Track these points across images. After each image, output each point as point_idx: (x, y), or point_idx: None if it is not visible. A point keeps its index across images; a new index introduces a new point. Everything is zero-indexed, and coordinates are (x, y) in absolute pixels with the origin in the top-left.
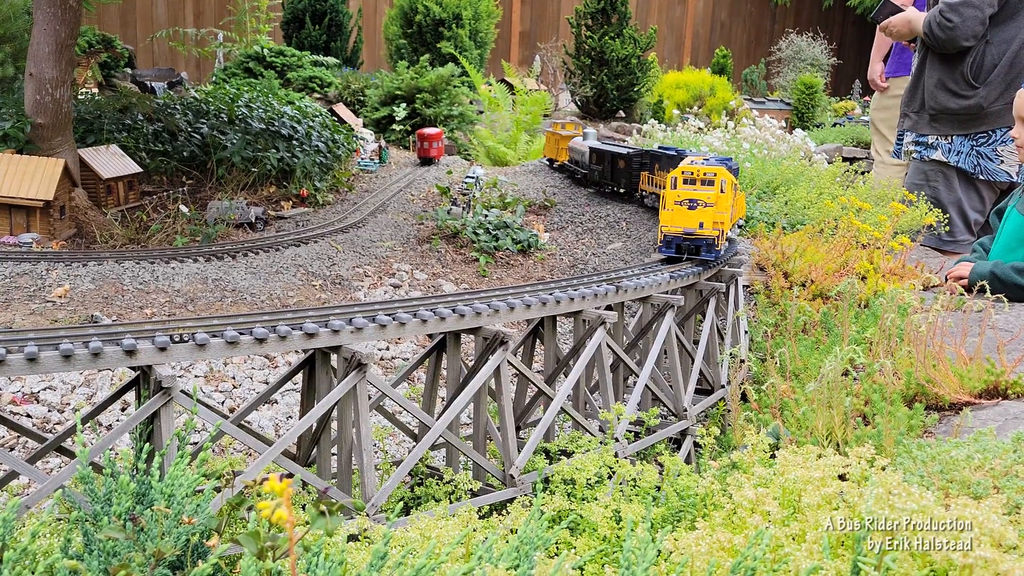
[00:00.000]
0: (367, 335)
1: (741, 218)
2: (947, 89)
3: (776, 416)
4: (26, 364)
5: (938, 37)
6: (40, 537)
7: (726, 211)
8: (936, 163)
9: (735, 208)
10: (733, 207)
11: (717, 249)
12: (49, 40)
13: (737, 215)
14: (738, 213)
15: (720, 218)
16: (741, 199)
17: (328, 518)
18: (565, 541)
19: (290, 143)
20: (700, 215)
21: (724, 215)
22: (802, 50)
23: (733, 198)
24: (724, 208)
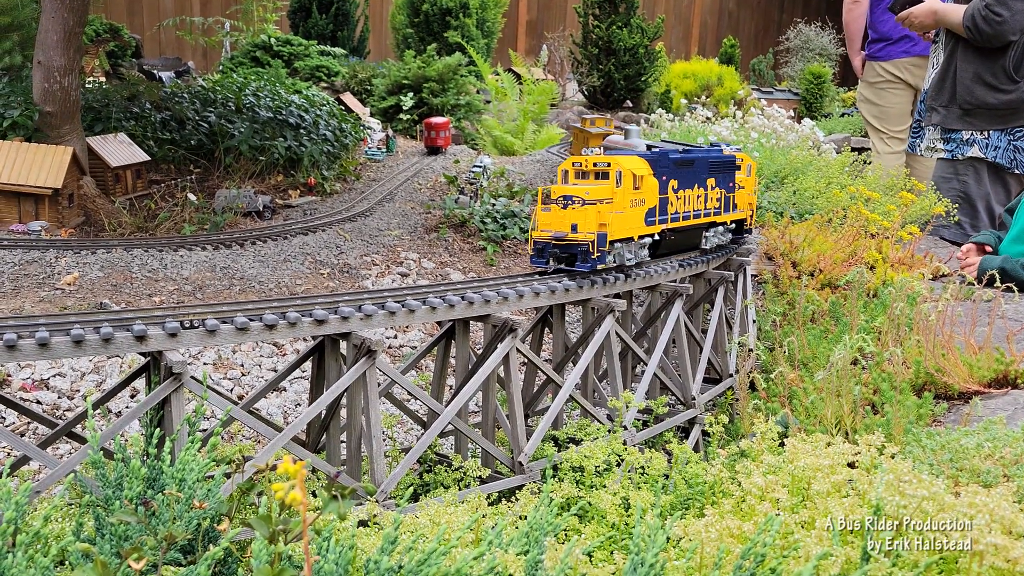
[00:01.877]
0: (377, 322)
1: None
2: (985, 83)
3: (785, 405)
4: (38, 349)
5: (983, 31)
6: (52, 521)
7: (625, 209)
8: (969, 159)
9: (739, 199)
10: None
11: (595, 258)
12: (57, 28)
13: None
14: (741, 204)
15: (608, 219)
16: (747, 190)
17: (340, 502)
18: (574, 528)
19: (298, 132)
20: (574, 215)
21: (618, 216)
22: (810, 40)
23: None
24: (622, 206)
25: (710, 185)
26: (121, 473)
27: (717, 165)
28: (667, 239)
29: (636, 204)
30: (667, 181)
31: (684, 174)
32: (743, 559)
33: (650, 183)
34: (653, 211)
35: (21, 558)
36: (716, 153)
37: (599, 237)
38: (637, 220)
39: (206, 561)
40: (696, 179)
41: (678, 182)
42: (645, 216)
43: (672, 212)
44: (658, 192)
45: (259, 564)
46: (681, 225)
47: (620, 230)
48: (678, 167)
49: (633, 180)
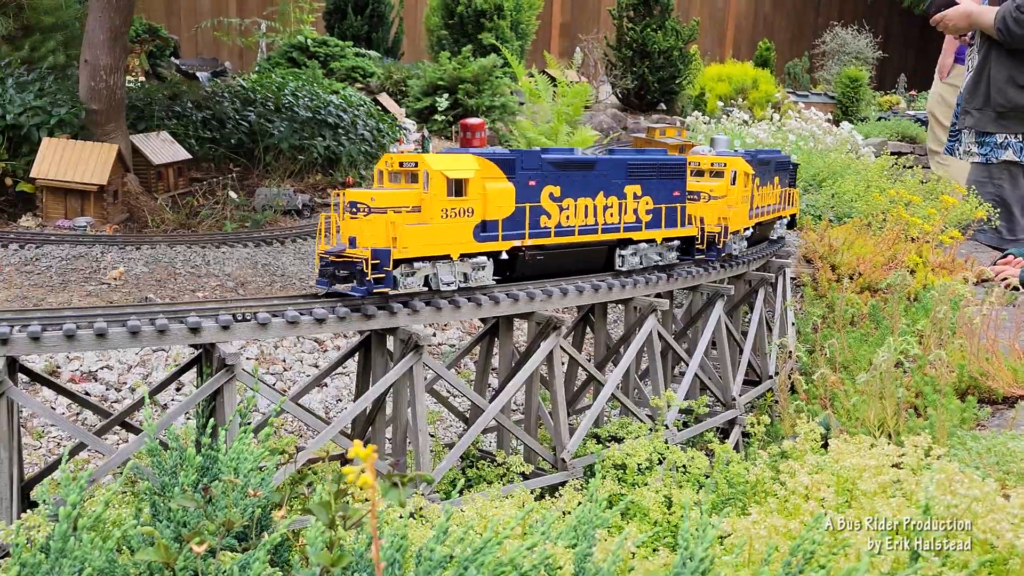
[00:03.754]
0: (423, 317)
1: (790, 214)
2: (1018, 86)
3: (826, 407)
4: (95, 340)
5: (1014, 32)
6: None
7: (434, 220)
8: (1004, 162)
9: (704, 211)
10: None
11: (371, 281)
12: (104, 27)
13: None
14: (711, 217)
15: (401, 231)
16: (727, 201)
17: (400, 489)
18: (616, 525)
19: (336, 132)
20: (359, 226)
21: (421, 229)
22: (847, 43)
23: (485, 198)
24: (431, 215)
25: (632, 194)
26: (176, 461)
27: (643, 170)
28: (529, 259)
29: (458, 214)
30: (539, 187)
31: (569, 180)
32: (792, 556)
33: (481, 189)
34: (495, 225)
35: (86, 541)
36: (648, 155)
37: (378, 254)
38: (457, 234)
39: (265, 547)
40: (597, 187)
41: (560, 189)
42: (477, 230)
43: (544, 226)
44: (514, 201)
45: (315, 550)
46: (563, 242)
47: (422, 245)
48: (560, 169)
49: (452, 185)
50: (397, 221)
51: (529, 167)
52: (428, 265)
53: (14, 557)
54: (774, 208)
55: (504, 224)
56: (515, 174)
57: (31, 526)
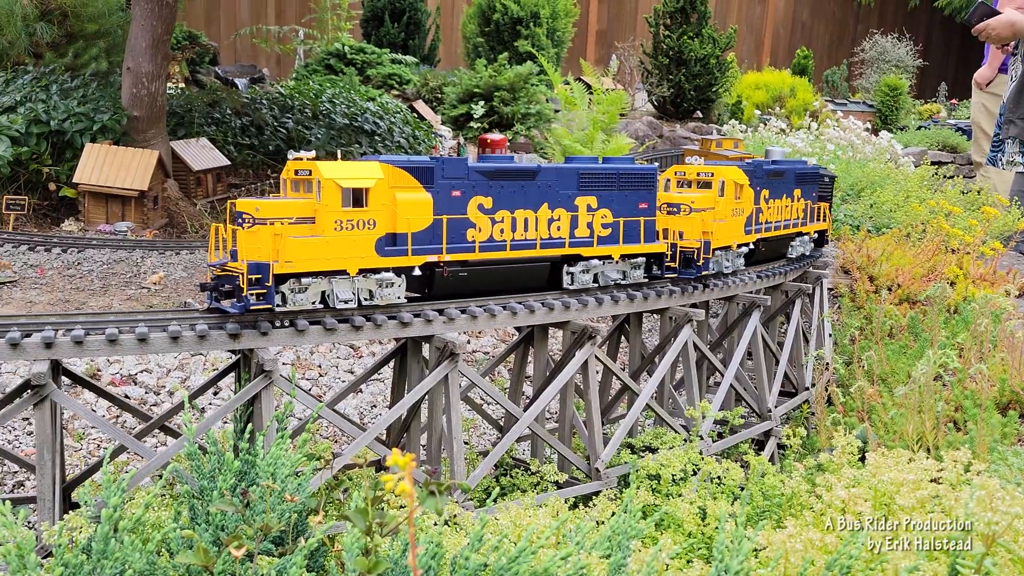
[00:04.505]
0: (459, 325)
1: (817, 231)
2: None
3: (863, 419)
4: (137, 344)
5: None
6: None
7: (326, 232)
8: None
9: (684, 226)
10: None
11: (248, 298)
12: (146, 35)
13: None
14: (691, 232)
15: (281, 244)
16: (708, 216)
17: (437, 497)
18: (650, 536)
19: (372, 139)
20: (241, 238)
21: (308, 243)
22: (886, 51)
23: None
24: (323, 227)
25: (585, 206)
26: (215, 465)
27: (600, 180)
28: (448, 276)
29: (356, 227)
30: (465, 197)
31: (504, 190)
32: (828, 570)
33: (388, 199)
34: (404, 238)
35: (127, 543)
36: (610, 164)
37: (257, 268)
38: (354, 248)
39: (302, 552)
40: (540, 198)
41: (493, 200)
42: (381, 244)
43: (470, 240)
44: (431, 212)
45: (352, 556)
46: (491, 258)
47: (311, 259)
48: (491, 178)
49: (348, 194)
50: (281, 233)
51: (452, 176)
52: (322, 281)
53: (57, 557)
54: (791, 223)
55: (417, 238)
56: (434, 183)
57: (73, 527)
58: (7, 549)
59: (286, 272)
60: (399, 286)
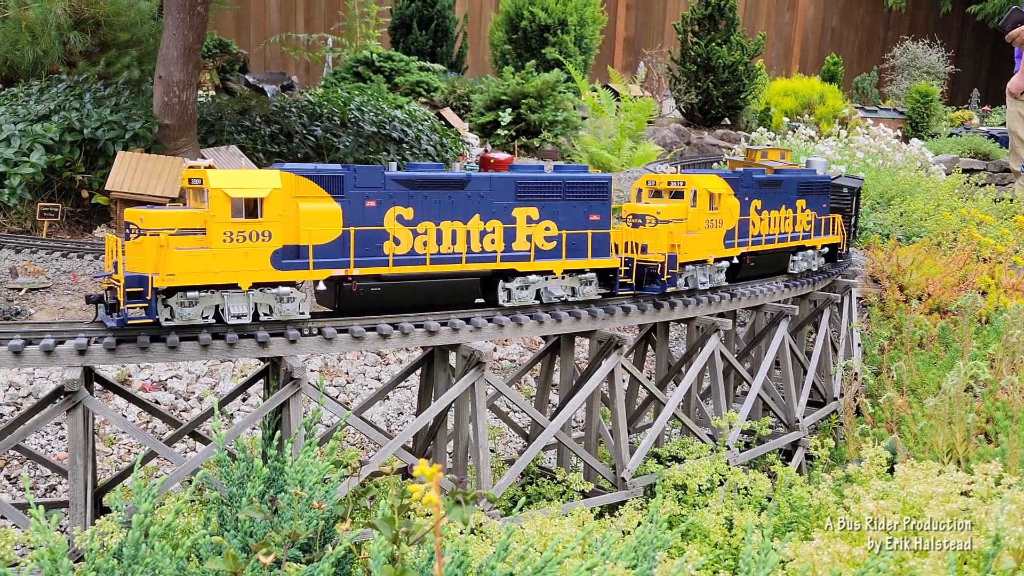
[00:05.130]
0: (485, 334)
1: (826, 245)
2: None
3: (892, 431)
4: (168, 352)
5: None
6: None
7: (215, 244)
8: None
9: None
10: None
11: (124, 309)
12: (178, 44)
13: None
14: (656, 245)
15: (164, 256)
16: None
17: (463, 507)
18: (676, 546)
19: (400, 146)
20: (128, 249)
21: (191, 254)
22: (917, 57)
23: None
24: (212, 238)
25: (525, 217)
26: (244, 472)
27: (542, 190)
28: (358, 291)
29: (248, 238)
30: (381, 208)
31: (428, 200)
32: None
33: (289, 209)
34: (305, 251)
35: (158, 548)
36: (559, 172)
37: (135, 281)
38: (246, 261)
39: (329, 559)
40: (471, 209)
41: (414, 211)
42: (277, 257)
43: (387, 253)
44: (340, 224)
45: (378, 564)
46: (409, 272)
47: (198, 272)
48: (413, 188)
49: (239, 205)
50: (165, 244)
51: (366, 185)
52: (215, 295)
53: (89, 562)
54: (792, 236)
55: (321, 250)
56: (344, 193)
57: (105, 532)
58: (40, 553)
59: (169, 285)
60: (301, 301)
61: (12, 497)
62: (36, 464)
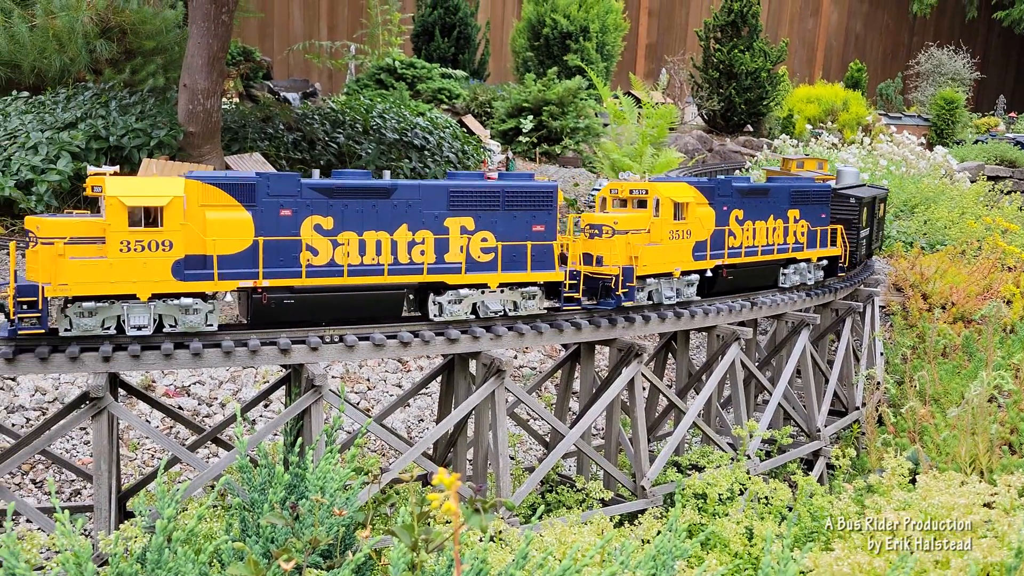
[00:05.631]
0: (505, 342)
1: (824, 257)
2: None
3: (914, 441)
4: (191, 359)
5: None
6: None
7: (112, 253)
8: None
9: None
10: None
11: (14, 320)
12: (202, 53)
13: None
14: (618, 257)
15: (57, 266)
16: (634, 241)
17: (482, 515)
18: (696, 555)
19: (422, 153)
20: (28, 258)
21: (87, 263)
22: (942, 64)
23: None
24: (110, 248)
25: (459, 228)
26: (265, 478)
27: (478, 199)
28: (268, 303)
29: (147, 248)
30: (297, 217)
31: (350, 210)
32: None
33: (196, 218)
34: (210, 261)
35: (181, 553)
36: (503, 180)
37: (27, 290)
38: (145, 272)
39: (350, 565)
40: (398, 219)
41: (334, 221)
42: (178, 267)
43: (306, 264)
44: (252, 233)
45: (398, 571)
46: (325, 284)
47: (94, 282)
48: (333, 197)
49: (137, 213)
50: (62, 253)
51: (280, 193)
52: (115, 305)
53: (113, 566)
54: (779, 248)
55: (228, 261)
56: (256, 201)
57: (128, 537)
58: (65, 557)
59: (62, 296)
60: (209, 312)
61: (38, 501)
62: (61, 468)
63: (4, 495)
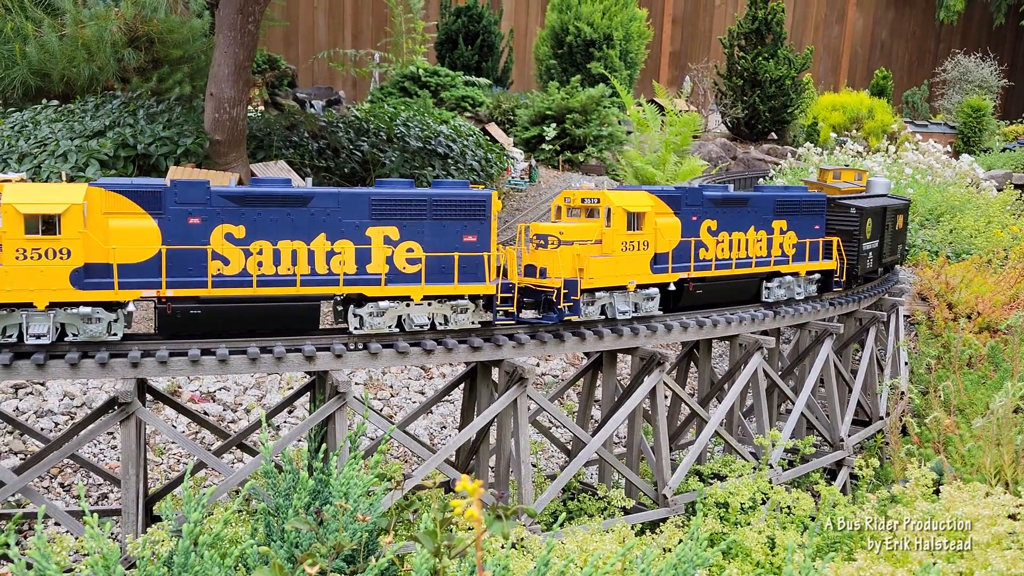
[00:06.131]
0: (528, 351)
1: (816, 271)
2: None
3: (939, 451)
4: (218, 365)
5: None
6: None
7: (7, 261)
8: None
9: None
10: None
11: None
12: (229, 62)
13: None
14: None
15: None
16: (580, 252)
17: (504, 522)
18: (717, 564)
19: (445, 161)
20: None
21: None
22: (969, 71)
23: None
24: (6, 255)
25: (382, 238)
26: (290, 484)
27: (401, 208)
28: (173, 313)
29: (44, 256)
30: (206, 226)
31: (261, 219)
32: None
33: (98, 225)
34: (109, 270)
35: (207, 557)
36: (410, 190)
37: None
38: (41, 280)
39: (374, 570)
40: (315, 228)
41: (246, 230)
42: (77, 275)
43: (214, 273)
44: (159, 242)
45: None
46: (232, 295)
47: None
48: (243, 205)
49: (34, 221)
50: None
51: (189, 201)
52: (14, 313)
53: (140, 569)
54: (758, 261)
55: (130, 269)
56: (163, 209)
57: (155, 540)
58: (94, 560)
59: None
60: (113, 321)
61: (65, 504)
62: (88, 472)
63: (34, 498)
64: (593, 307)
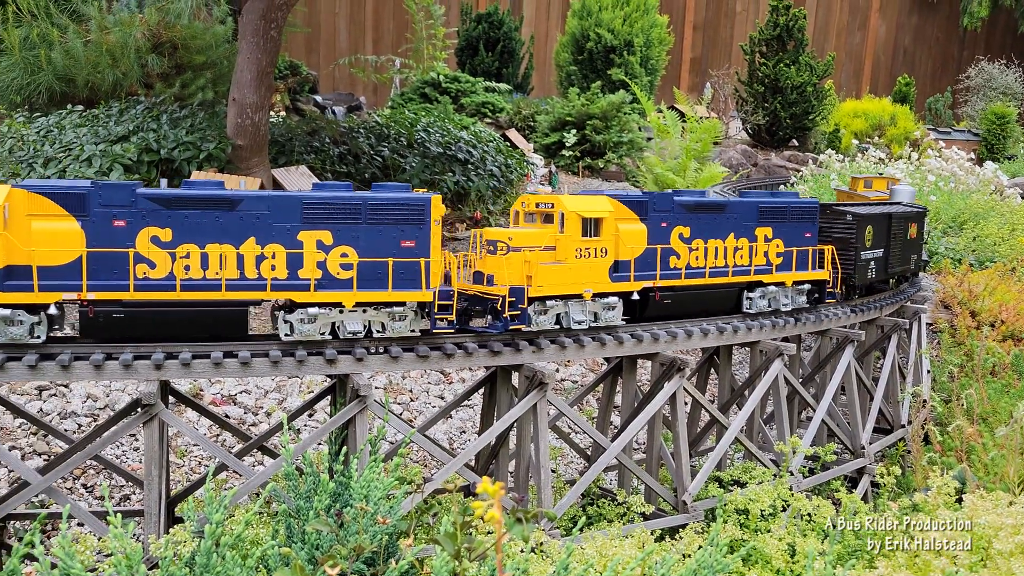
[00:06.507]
0: (548, 355)
1: (806, 281)
2: None
3: (962, 460)
4: (240, 367)
5: None
6: (250, 526)
7: None
8: None
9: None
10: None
11: None
12: (251, 68)
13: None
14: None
15: None
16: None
17: (524, 525)
18: (737, 571)
19: (465, 167)
20: None
21: None
22: (993, 78)
23: None
24: None
25: (315, 243)
26: (311, 486)
27: (336, 212)
28: (95, 316)
29: None
30: (132, 229)
31: (191, 222)
32: None
33: (21, 227)
34: (28, 272)
35: (228, 558)
36: (348, 194)
37: None
38: None
39: (394, 573)
40: (245, 232)
41: (173, 233)
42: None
43: (140, 277)
44: (83, 245)
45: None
46: (155, 299)
47: None
48: (171, 208)
49: None
50: None
51: (114, 203)
52: None
53: (163, 569)
54: (736, 270)
55: (51, 272)
56: (88, 212)
57: (178, 541)
58: (117, 560)
59: None
60: (36, 324)
61: (88, 505)
62: (111, 473)
63: (58, 499)
64: (546, 316)
